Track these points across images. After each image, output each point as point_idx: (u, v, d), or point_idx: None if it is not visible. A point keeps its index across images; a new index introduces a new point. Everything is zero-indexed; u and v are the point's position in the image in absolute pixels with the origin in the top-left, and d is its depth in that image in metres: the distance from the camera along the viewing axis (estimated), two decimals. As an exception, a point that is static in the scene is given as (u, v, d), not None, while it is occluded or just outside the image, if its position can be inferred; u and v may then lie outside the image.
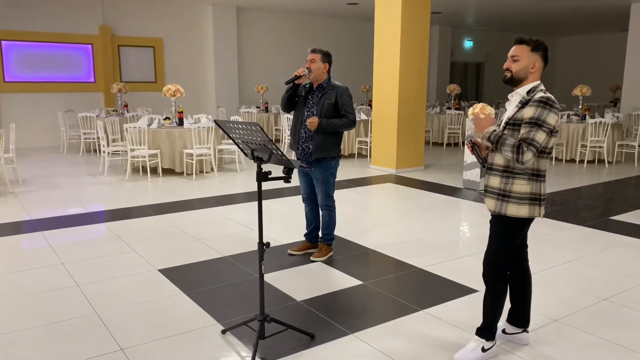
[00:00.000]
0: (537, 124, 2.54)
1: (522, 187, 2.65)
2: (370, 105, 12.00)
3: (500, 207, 2.70)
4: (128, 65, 12.50)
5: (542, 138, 2.54)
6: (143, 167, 8.31)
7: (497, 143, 2.61)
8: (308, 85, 4.25)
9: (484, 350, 2.83)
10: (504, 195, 2.69)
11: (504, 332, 3.04)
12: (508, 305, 2.99)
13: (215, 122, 3.01)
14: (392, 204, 6.86)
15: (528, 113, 2.58)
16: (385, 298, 3.74)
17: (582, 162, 9.56)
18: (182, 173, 8.25)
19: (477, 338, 2.87)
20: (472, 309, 3.45)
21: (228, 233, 5.25)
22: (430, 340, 3.09)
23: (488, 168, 2.79)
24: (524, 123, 2.57)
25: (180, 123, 8.41)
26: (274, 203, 6.45)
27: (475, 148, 2.83)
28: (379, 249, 4.77)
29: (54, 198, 6.71)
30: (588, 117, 9.72)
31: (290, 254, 4.56)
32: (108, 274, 4.12)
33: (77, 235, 5.19)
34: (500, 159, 2.71)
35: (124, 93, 10.81)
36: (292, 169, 2.91)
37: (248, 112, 12.32)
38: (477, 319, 2.98)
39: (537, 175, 2.66)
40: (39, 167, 8.97)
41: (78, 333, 3.17)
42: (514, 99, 2.72)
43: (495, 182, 2.73)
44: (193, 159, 8.03)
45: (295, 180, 4.52)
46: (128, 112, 10.74)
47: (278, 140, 11.83)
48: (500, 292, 2.83)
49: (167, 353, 2.95)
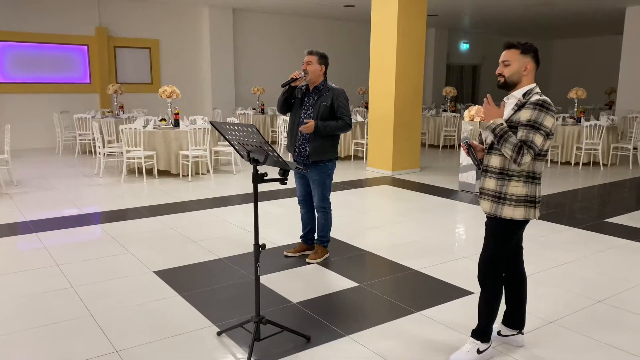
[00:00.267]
0: (534, 127, 2.55)
1: (517, 189, 2.66)
2: (367, 107, 12.02)
3: (496, 209, 2.71)
4: (124, 67, 12.48)
5: (539, 141, 2.55)
6: (139, 168, 8.29)
7: (500, 137, 2.59)
8: (304, 88, 4.25)
9: (479, 352, 2.84)
10: (500, 198, 2.69)
11: (499, 334, 3.05)
12: (503, 307, 3.00)
13: (211, 123, 3.01)
14: (388, 206, 6.87)
15: (524, 115, 2.59)
16: (381, 300, 3.74)
17: (577, 164, 9.59)
18: (177, 174, 8.23)
19: (472, 340, 2.87)
20: (467, 311, 3.46)
21: (224, 235, 5.25)
22: (426, 342, 3.09)
23: (483, 170, 2.80)
24: (521, 125, 2.58)
25: (176, 124, 8.40)
26: (270, 205, 6.44)
27: (471, 150, 2.83)
28: (375, 251, 4.77)
29: (49, 199, 6.69)
30: (583, 119, 9.76)
31: (286, 256, 4.56)
32: (103, 276, 4.11)
33: (72, 237, 5.17)
34: (496, 161, 2.71)
35: (120, 94, 10.80)
36: (287, 171, 2.91)
37: (244, 113, 12.32)
38: (472, 321, 2.98)
39: (532, 178, 2.67)
40: (34, 168, 8.94)
41: (73, 335, 3.16)
42: (510, 102, 2.74)
43: (491, 184, 2.74)
44: (189, 161, 8.02)
45: (291, 182, 4.52)
46: (124, 113, 10.72)
47: (274, 142, 11.84)
48: (496, 294, 2.84)
49: (162, 355, 2.94)
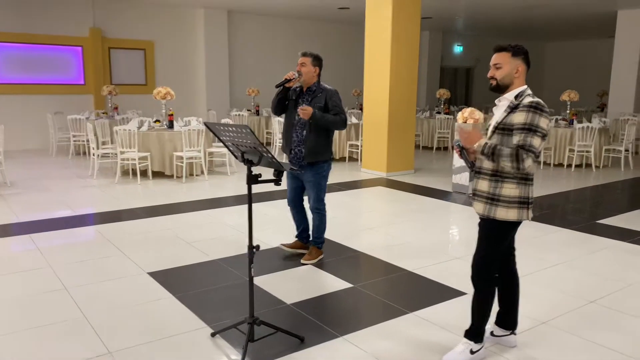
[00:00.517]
0: (530, 130, 2.56)
1: (511, 190, 2.68)
2: (361, 109, 12.04)
3: (489, 210, 2.73)
4: (118, 68, 12.44)
5: (538, 143, 2.56)
6: (133, 169, 8.27)
7: (492, 155, 2.61)
8: (298, 89, 4.27)
9: (472, 353, 2.85)
10: (493, 199, 2.71)
11: (492, 334, 3.06)
12: (496, 308, 3.02)
13: (206, 124, 3.02)
14: (382, 207, 6.89)
15: (519, 118, 2.60)
16: (375, 301, 3.76)
17: (569, 166, 9.65)
18: (172, 176, 8.22)
19: (465, 340, 2.89)
20: (460, 312, 3.47)
21: (218, 236, 5.24)
22: (420, 343, 3.10)
23: (476, 172, 2.82)
24: (517, 129, 2.59)
25: (171, 126, 8.39)
26: (264, 206, 6.45)
27: (464, 152, 2.85)
28: (369, 252, 4.79)
29: (43, 200, 6.66)
30: (575, 122, 9.82)
31: (282, 247, 4.59)
32: (97, 277, 4.10)
33: (65, 238, 5.15)
34: (489, 163, 2.72)
35: (114, 95, 10.77)
36: (282, 172, 2.92)
37: (239, 115, 12.31)
38: (465, 322, 3.00)
39: (525, 179, 2.69)
40: (28, 169, 8.89)
41: (66, 336, 3.15)
42: (502, 104, 2.75)
43: (484, 185, 2.76)
44: (183, 162, 8.01)
45: (285, 183, 4.53)
46: (118, 114, 10.68)
47: (269, 144, 11.83)
48: (489, 294, 2.86)
49: (156, 356, 2.94)
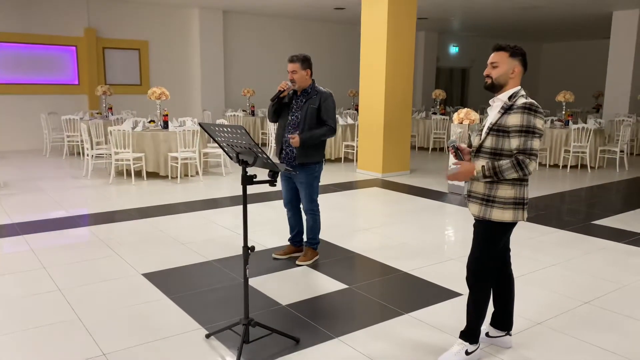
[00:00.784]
0: (528, 132, 2.56)
1: (506, 191, 2.68)
2: (357, 110, 12.04)
3: (485, 211, 2.72)
4: (113, 68, 12.40)
5: (537, 144, 2.58)
6: (127, 170, 8.24)
7: (495, 174, 2.59)
8: (292, 92, 4.25)
9: (468, 354, 2.85)
10: (489, 200, 2.71)
11: (488, 335, 3.06)
12: (491, 309, 3.02)
13: (200, 125, 3.00)
14: (378, 208, 6.89)
15: (514, 120, 2.60)
16: (371, 302, 3.75)
17: (565, 167, 9.68)
18: (166, 176, 8.19)
19: (460, 341, 2.88)
20: (456, 313, 3.47)
21: (213, 237, 5.23)
22: (415, 344, 3.10)
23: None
24: (514, 131, 2.59)
25: (165, 126, 8.36)
26: (259, 207, 6.43)
27: (458, 153, 2.84)
28: (365, 253, 4.78)
29: (37, 201, 6.62)
30: (571, 123, 9.85)
31: (275, 258, 4.55)
32: (91, 279, 4.08)
33: (59, 239, 5.12)
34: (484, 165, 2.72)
35: (109, 95, 10.73)
36: (277, 173, 2.91)
37: (234, 115, 12.29)
38: (461, 323, 3.00)
39: (520, 180, 2.69)
40: (21, 170, 8.85)
41: (60, 338, 3.13)
42: (496, 105, 2.75)
43: (479, 187, 2.75)
44: (178, 163, 7.99)
45: (280, 185, 4.51)
46: (112, 114, 10.65)
47: (264, 144, 11.82)
48: (484, 295, 2.85)
49: (150, 358, 2.92)
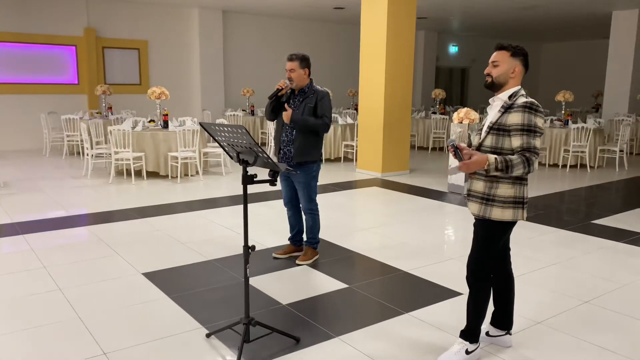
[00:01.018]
0: (530, 131, 2.57)
1: (506, 190, 2.68)
2: (357, 109, 12.04)
3: (485, 210, 2.73)
4: (112, 67, 12.40)
5: (539, 143, 2.60)
6: (127, 170, 8.24)
7: (507, 168, 2.56)
8: (289, 91, 4.26)
9: (468, 353, 2.85)
10: (488, 199, 2.71)
11: (488, 334, 3.07)
12: (491, 308, 3.02)
13: (201, 124, 3.00)
14: (377, 208, 6.89)
15: (515, 119, 2.60)
16: (371, 301, 3.75)
17: (564, 166, 9.68)
18: (166, 176, 8.19)
19: (460, 340, 2.89)
20: (456, 312, 3.48)
21: (213, 236, 5.23)
22: (415, 343, 3.10)
23: (471, 172, 2.82)
24: (515, 130, 2.59)
25: (165, 126, 8.36)
26: (259, 206, 6.43)
27: (458, 152, 2.84)
28: (365, 253, 4.78)
29: (36, 201, 6.62)
30: (570, 122, 9.86)
31: (275, 258, 4.56)
32: (91, 278, 4.08)
33: (59, 239, 5.12)
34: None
35: (108, 95, 10.73)
36: (277, 172, 2.91)
37: (234, 115, 12.29)
38: (461, 322, 3.00)
39: (520, 179, 2.69)
40: (21, 169, 8.84)
41: (60, 337, 3.13)
42: (496, 104, 2.75)
43: (479, 186, 2.75)
44: (178, 162, 7.99)
45: (279, 184, 4.52)
46: (112, 114, 10.65)
47: (264, 144, 11.82)
48: (484, 295, 2.86)
49: (150, 357, 2.92)
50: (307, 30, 15.07)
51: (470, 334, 2.88)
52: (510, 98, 2.68)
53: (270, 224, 5.68)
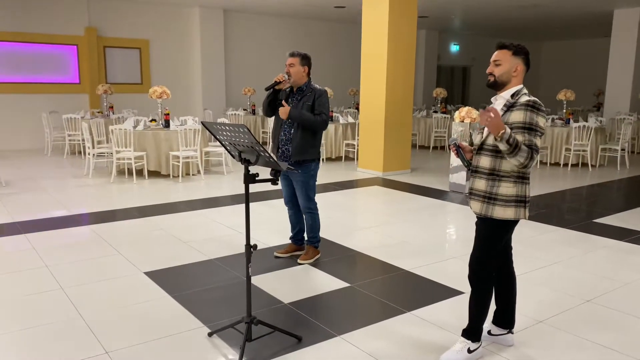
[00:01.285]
0: (532, 129, 2.57)
1: (508, 189, 2.68)
2: (358, 109, 12.04)
3: (487, 209, 2.72)
4: (114, 67, 12.40)
5: (539, 142, 2.61)
6: (129, 169, 8.25)
7: (515, 147, 2.52)
8: (288, 89, 4.26)
9: (470, 352, 2.85)
10: (490, 198, 2.71)
11: (490, 333, 3.06)
12: (493, 307, 3.02)
13: (203, 123, 3.00)
14: (378, 207, 6.89)
15: (517, 117, 2.60)
16: (372, 300, 3.75)
17: (566, 165, 9.67)
18: (168, 175, 8.20)
19: (462, 339, 2.89)
20: (458, 311, 3.48)
21: (214, 236, 5.23)
22: (417, 342, 3.10)
23: (473, 171, 2.82)
24: (518, 128, 2.59)
25: (167, 125, 8.37)
26: (261, 205, 6.43)
27: (460, 151, 2.85)
28: (366, 252, 4.78)
29: (38, 200, 6.63)
30: (572, 121, 9.85)
31: (277, 257, 4.56)
32: (93, 277, 4.08)
33: (61, 238, 5.13)
34: (486, 162, 2.72)
35: (110, 94, 10.73)
36: (279, 172, 2.91)
37: (235, 114, 12.30)
38: (463, 321, 3.00)
39: (522, 178, 2.69)
40: (23, 169, 8.85)
41: (62, 336, 3.13)
42: (498, 103, 2.75)
43: (481, 184, 2.75)
44: (179, 161, 7.99)
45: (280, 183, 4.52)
46: (113, 113, 10.66)
47: (265, 143, 11.82)
48: (486, 293, 2.86)
49: (152, 356, 2.93)
50: (308, 29, 15.07)
51: (472, 333, 2.88)
52: (513, 97, 2.68)
53: (272, 223, 5.69)
